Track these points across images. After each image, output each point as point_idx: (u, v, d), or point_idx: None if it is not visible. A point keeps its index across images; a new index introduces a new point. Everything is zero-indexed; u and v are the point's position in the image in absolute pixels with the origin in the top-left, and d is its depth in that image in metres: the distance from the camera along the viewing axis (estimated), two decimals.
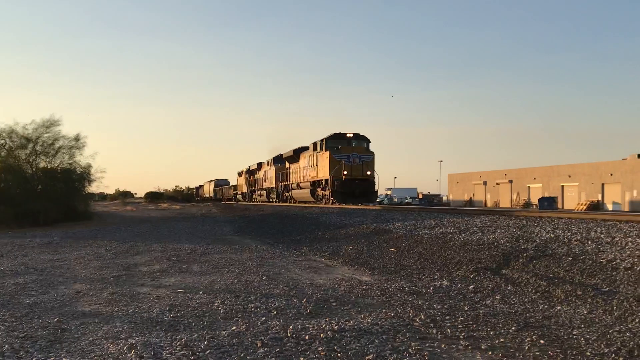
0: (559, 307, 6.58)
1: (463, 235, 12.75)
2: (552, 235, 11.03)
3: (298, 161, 41.36)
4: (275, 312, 6.62)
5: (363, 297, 7.56)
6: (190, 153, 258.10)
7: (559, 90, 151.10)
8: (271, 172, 52.05)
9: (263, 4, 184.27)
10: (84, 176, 36.38)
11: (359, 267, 10.83)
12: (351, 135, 34.33)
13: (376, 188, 33.95)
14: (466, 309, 6.65)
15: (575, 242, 10.08)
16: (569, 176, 63.29)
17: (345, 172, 32.51)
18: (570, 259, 8.87)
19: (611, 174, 58.10)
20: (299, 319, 6.30)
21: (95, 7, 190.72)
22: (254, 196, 64.30)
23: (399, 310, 6.58)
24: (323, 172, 34.26)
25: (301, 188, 40.08)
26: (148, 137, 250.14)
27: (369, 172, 33.25)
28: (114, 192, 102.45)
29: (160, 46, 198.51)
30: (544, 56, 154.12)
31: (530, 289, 7.65)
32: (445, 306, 6.81)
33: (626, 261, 8.20)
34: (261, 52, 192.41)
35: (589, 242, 9.91)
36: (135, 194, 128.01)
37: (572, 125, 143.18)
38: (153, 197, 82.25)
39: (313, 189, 36.97)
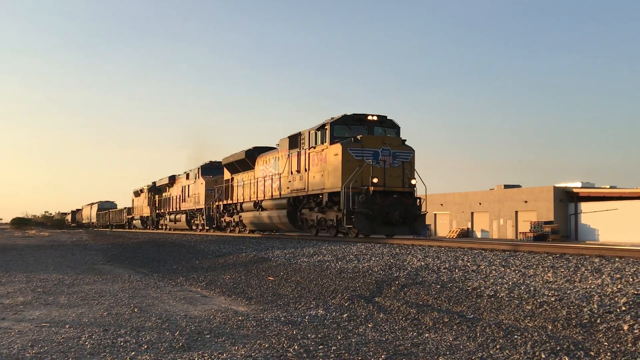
0: (427, 335, 6.83)
1: (340, 263, 12.99)
2: (422, 264, 11.48)
3: (253, 168, 28.00)
4: (145, 347, 6.40)
5: (238, 328, 7.48)
6: (66, 175, 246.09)
7: (433, 121, 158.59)
8: (197, 187, 38.35)
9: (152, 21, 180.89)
10: None
11: (236, 297, 10.73)
12: (375, 117, 20.66)
13: (424, 209, 20.21)
14: (339, 337, 6.74)
15: (444, 270, 10.54)
16: (441, 205, 66.22)
17: (375, 180, 19.09)
18: (439, 286, 9.26)
19: (480, 203, 61.43)
20: (170, 352, 6.13)
21: None
22: (162, 221, 48.40)
23: (274, 341, 6.57)
24: (323, 180, 20.59)
25: (264, 209, 26.19)
26: (16, 159, 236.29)
27: (413, 181, 19.99)
28: None
29: (32, 60, 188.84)
30: (419, 88, 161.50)
31: (401, 317, 7.89)
32: (319, 335, 6.87)
33: (489, 289, 8.68)
34: (152, 66, 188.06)
35: (457, 270, 10.40)
36: (1, 219, 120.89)
37: (443, 155, 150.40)
38: (20, 223, 77.57)
39: (292, 210, 23.41)
